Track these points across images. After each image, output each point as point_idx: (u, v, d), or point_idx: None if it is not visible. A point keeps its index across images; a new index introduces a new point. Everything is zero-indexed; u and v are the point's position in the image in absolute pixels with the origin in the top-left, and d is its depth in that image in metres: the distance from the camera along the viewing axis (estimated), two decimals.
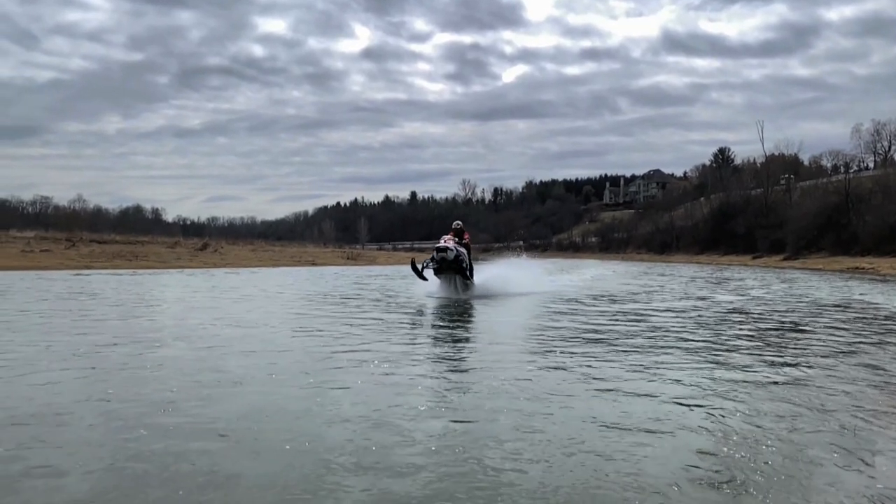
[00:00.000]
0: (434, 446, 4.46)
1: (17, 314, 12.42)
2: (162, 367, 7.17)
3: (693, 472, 4.00)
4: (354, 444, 4.48)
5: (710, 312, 14.23)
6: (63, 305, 14.36)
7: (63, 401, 5.55)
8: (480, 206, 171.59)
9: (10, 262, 33.84)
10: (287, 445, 4.43)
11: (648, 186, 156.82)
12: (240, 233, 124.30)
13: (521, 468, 4.04)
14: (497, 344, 9.50)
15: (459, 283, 18.18)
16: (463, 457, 4.24)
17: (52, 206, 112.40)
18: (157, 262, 41.19)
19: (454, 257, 17.38)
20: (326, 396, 5.84)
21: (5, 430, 4.69)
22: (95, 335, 9.56)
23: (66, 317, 12.06)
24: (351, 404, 5.56)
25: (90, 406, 5.41)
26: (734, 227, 79.81)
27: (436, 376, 6.96)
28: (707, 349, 8.82)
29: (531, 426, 4.94)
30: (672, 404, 5.63)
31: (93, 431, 4.71)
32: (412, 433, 4.74)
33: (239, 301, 16.87)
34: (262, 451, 4.33)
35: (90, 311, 13.10)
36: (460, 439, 4.60)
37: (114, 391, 5.95)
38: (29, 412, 5.17)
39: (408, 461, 4.15)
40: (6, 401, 5.52)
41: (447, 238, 17.91)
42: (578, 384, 6.44)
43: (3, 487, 3.68)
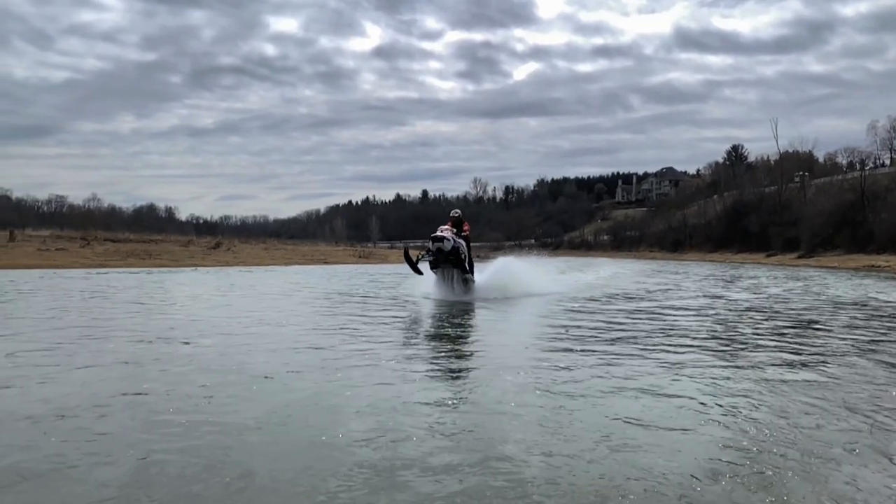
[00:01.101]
0: (458, 438, 4.57)
1: (50, 311, 12.66)
2: (193, 362, 7.35)
3: (716, 466, 4.08)
4: (385, 436, 4.60)
5: (726, 311, 14.23)
6: (88, 304, 14.64)
7: (103, 395, 5.73)
8: (492, 204, 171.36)
9: (27, 260, 34.29)
10: (322, 437, 4.57)
11: (661, 184, 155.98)
12: (252, 231, 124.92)
13: (548, 460, 4.15)
14: (515, 342, 9.61)
15: (458, 281, 16.65)
16: (488, 449, 4.34)
17: (68, 205, 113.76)
18: (171, 261, 41.56)
19: (451, 248, 15.94)
20: (355, 391, 5.98)
21: (52, 423, 4.85)
22: (123, 332, 9.79)
23: (93, 314, 12.30)
24: (380, 398, 5.69)
25: (128, 400, 5.59)
26: (748, 225, 79.33)
27: (459, 372, 7.11)
28: (726, 347, 8.87)
29: (556, 420, 5.05)
30: (693, 402, 5.71)
31: (133, 424, 4.87)
32: (437, 425, 4.86)
33: (259, 299, 17.07)
34: (296, 443, 4.47)
35: (114, 309, 13.38)
36: (484, 433, 4.71)
37: (149, 385, 6.14)
38: (71, 405, 5.34)
39: (433, 453, 4.26)
40: (50, 395, 5.71)
41: (444, 228, 16.50)
42: (599, 382, 6.53)
43: (50, 476, 3.82)
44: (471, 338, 10.19)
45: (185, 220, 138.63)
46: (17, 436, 4.55)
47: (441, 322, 11.98)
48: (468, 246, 17.10)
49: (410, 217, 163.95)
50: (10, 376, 6.47)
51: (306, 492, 3.66)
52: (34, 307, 13.51)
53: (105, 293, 17.69)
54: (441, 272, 16.48)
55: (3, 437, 4.53)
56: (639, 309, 14.42)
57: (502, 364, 7.43)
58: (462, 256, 16.32)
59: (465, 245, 16.72)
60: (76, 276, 25.56)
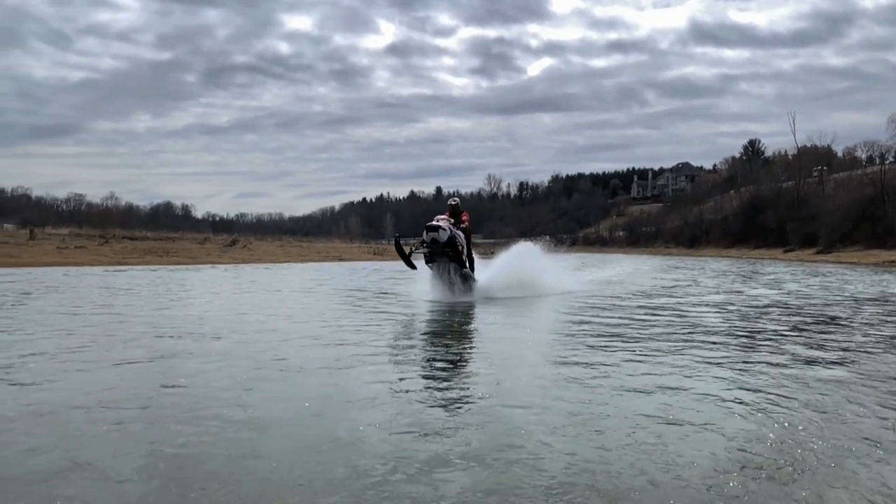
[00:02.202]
0: (488, 430, 4.70)
1: (80, 308, 12.93)
2: (226, 357, 7.54)
3: (743, 459, 4.16)
4: (420, 430, 4.74)
5: (747, 307, 14.24)
6: (116, 300, 14.93)
7: (142, 388, 5.93)
8: (506, 200, 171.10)
9: (47, 258, 34.79)
10: (360, 427, 4.73)
11: (677, 179, 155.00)
12: (268, 229, 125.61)
13: (574, 451, 4.26)
14: (538, 339, 9.72)
15: (457, 278, 15.14)
16: (517, 443, 4.46)
17: (86, 203, 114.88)
18: (188, 258, 41.97)
19: (448, 239, 14.42)
20: (391, 384, 6.14)
21: (99, 413, 5.04)
22: (153, 328, 10.02)
23: (122, 311, 12.56)
24: (412, 392, 5.85)
25: (168, 392, 5.77)
26: (765, 221, 78.74)
27: (485, 367, 7.25)
28: (748, 343, 8.93)
29: (584, 412, 5.16)
30: (718, 397, 5.79)
31: (176, 415, 5.03)
32: (466, 416, 4.99)
33: (282, 295, 17.28)
34: (332, 434, 4.61)
35: (141, 306, 13.64)
36: (515, 426, 4.83)
37: (185, 379, 6.32)
38: (114, 398, 5.52)
39: (464, 445, 4.39)
40: (93, 388, 5.90)
41: (441, 217, 15.12)
42: (624, 377, 6.63)
43: (99, 464, 3.98)
44: (494, 334, 10.31)
45: (202, 217, 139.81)
46: (68, 426, 4.73)
47: (463, 319, 12.08)
48: (468, 239, 15.72)
49: (424, 214, 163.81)
50: (53, 370, 6.67)
51: (344, 482, 3.79)
52: (64, 304, 13.79)
53: (131, 290, 17.99)
54: (437, 267, 14.99)
55: (55, 427, 4.71)
56: (660, 305, 14.46)
57: (526, 360, 7.56)
58: (460, 248, 14.80)
59: (465, 237, 15.34)
60: (98, 274, 25.96)
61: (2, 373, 6.43)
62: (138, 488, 3.64)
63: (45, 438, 4.42)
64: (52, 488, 3.59)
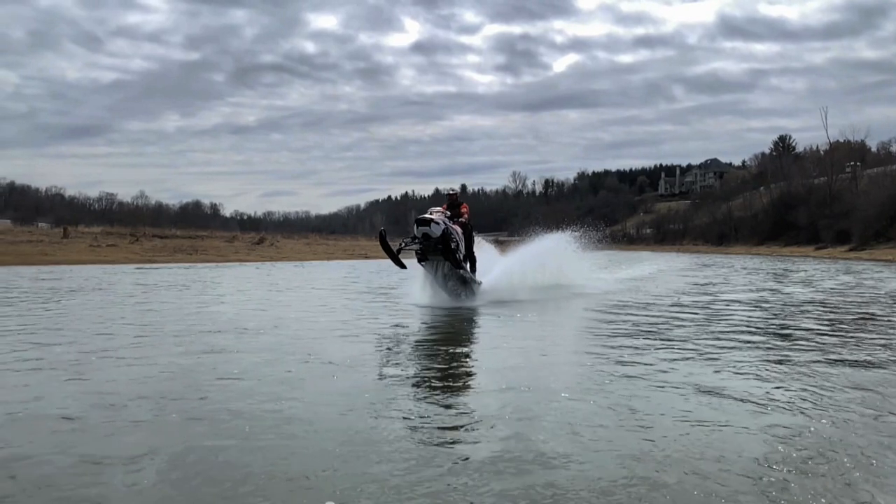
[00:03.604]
0: (535, 422, 4.86)
1: (126, 306, 13.44)
2: (274, 350, 7.81)
3: (782, 453, 4.24)
4: (471, 421, 4.94)
5: (782, 304, 14.10)
6: (159, 297, 15.42)
7: (200, 380, 6.20)
8: (531, 198, 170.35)
9: (80, 256, 35.59)
10: (411, 423, 4.94)
11: (705, 176, 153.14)
12: (294, 227, 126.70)
13: (621, 443, 4.41)
14: (576, 337, 9.83)
15: (453, 279, 13.24)
16: (570, 433, 4.62)
17: (117, 202, 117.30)
18: (217, 256, 42.57)
19: (441, 234, 12.50)
20: (435, 377, 6.36)
21: (164, 404, 5.30)
22: (200, 323, 10.38)
23: (167, 307, 12.97)
24: (459, 386, 6.10)
25: (224, 385, 6.03)
26: (796, 218, 77.40)
27: (525, 363, 7.39)
28: (786, 341, 8.93)
29: (628, 406, 5.28)
30: (759, 393, 5.88)
31: (236, 407, 5.26)
32: (505, 407, 5.14)
33: (316, 293, 17.57)
34: (381, 426, 4.83)
35: (183, 302, 14.05)
36: (563, 417, 4.98)
37: (238, 371, 6.59)
38: (175, 389, 5.82)
39: (516, 436, 4.55)
40: (154, 380, 6.23)
41: (436, 210, 13.35)
42: (666, 373, 6.74)
43: (171, 451, 4.21)
44: (528, 333, 10.36)
45: (230, 216, 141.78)
46: (139, 413, 5.00)
47: (497, 315, 12.12)
48: (469, 235, 13.99)
49: None
50: (116, 364, 7.00)
51: (397, 471, 3.97)
52: (113, 302, 14.31)
53: (170, 287, 18.41)
54: (430, 265, 13.17)
55: (128, 413, 4.99)
56: (694, 304, 14.37)
57: (568, 358, 7.64)
58: (454, 245, 12.89)
59: (464, 233, 13.65)
60: (132, 272, 26.51)
61: (70, 369, 6.75)
62: (206, 471, 3.85)
63: (119, 424, 4.70)
64: (134, 471, 3.82)
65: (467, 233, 13.80)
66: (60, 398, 5.42)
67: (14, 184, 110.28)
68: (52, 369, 6.60)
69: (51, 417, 4.88)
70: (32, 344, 8.13)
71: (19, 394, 5.57)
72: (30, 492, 3.53)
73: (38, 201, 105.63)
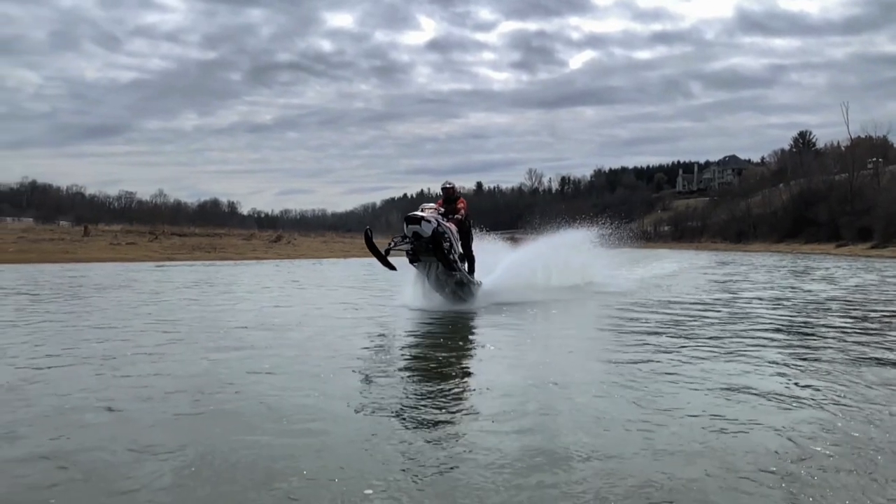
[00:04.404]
0: (574, 415, 4.95)
1: (153, 304, 13.67)
2: (302, 347, 7.98)
3: (812, 448, 4.30)
4: (517, 414, 5.02)
5: (805, 302, 14.02)
6: (187, 294, 15.67)
7: (233, 376, 6.34)
8: (547, 195, 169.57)
9: (101, 254, 36.08)
10: (445, 416, 5.06)
11: (724, 173, 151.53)
12: (311, 225, 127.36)
13: (651, 436, 4.48)
14: (602, 335, 9.81)
15: (447, 281, 12.27)
16: (598, 428, 4.71)
17: (136, 200, 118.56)
18: (235, 254, 42.92)
19: (432, 234, 11.47)
20: (463, 372, 6.51)
21: (200, 398, 5.45)
22: (228, 320, 10.60)
23: (194, 305, 13.25)
24: (495, 380, 6.21)
25: (255, 379, 6.18)
26: (816, 215, 76.55)
27: (552, 361, 7.50)
28: (808, 340, 8.92)
29: (653, 402, 5.36)
30: (783, 392, 5.94)
31: (271, 401, 5.40)
32: (530, 402, 5.24)
33: (338, 290, 17.77)
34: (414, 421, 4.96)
35: (210, 300, 14.31)
36: (590, 412, 5.07)
37: (268, 366, 6.73)
38: (211, 382, 5.97)
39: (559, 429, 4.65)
40: (190, 374, 6.40)
41: (428, 206, 12.31)
42: (690, 372, 6.77)
43: (207, 442, 4.34)
44: (552, 334, 10.39)
45: (247, 214, 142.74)
46: (178, 406, 5.16)
47: (513, 314, 12.15)
48: (467, 233, 12.96)
49: None
50: (151, 360, 7.17)
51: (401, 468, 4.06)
52: (139, 298, 14.56)
53: (194, 285, 18.69)
54: (423, 267, 12.27)
55: (167, 406, 5.15)
56: (717, 300, 14.33)
57: (596, 355, 7.69)
58: (447, 246, 11.78)
59: (461, 231, 12.64)
60: (154, 270, 26.83)
61: (107, 364, 6.96)
62: (245, 461, 3.97)
63: (159, 416, 4.86)
64: (182, 459, 3.97)
65: (465, 230, 12.79)
66: (102, 391, 5.59)
67: (36, 183, 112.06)
68: (90, 364, 6.78)
69: (95, 409, 5.05)
70: (68, 340, 8.35)
71: (63, 387, 5.75)
72: (81, 481, 3.66)
73: (60, 200, 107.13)
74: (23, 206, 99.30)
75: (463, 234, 12.73)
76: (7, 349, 7.59)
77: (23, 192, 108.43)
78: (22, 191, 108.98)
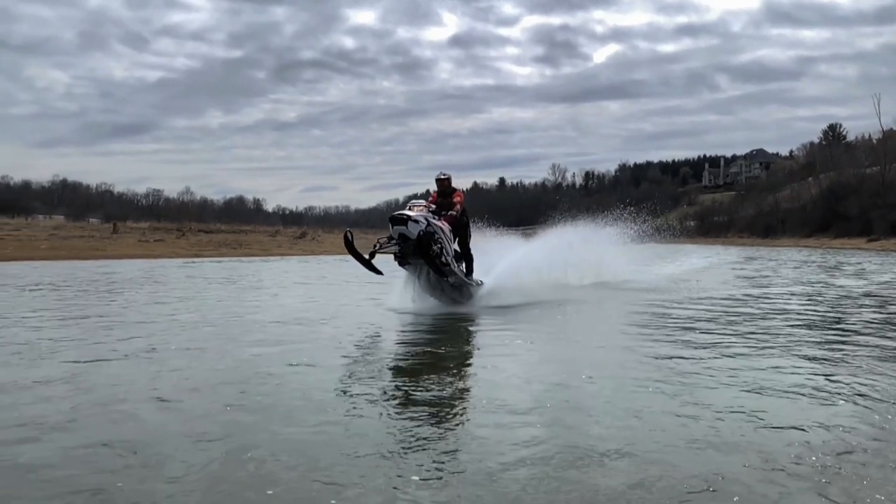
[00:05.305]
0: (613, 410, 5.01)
1: (187, 300, 14.01)
2: (336, 341, 8.15)
3: (843, 445, 4.28)
4: (530, 406, 5.11)
5: (837, 297, 13.87)
6: (213, 291, 16.02)
7: (272, 367, 6.52)
8: (571, 190, 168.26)
9: (129, 250, 36.81)
10: (482, 404, 5.16)
11: (751, 167, 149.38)
12: (335, 221, 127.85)
13: (685, 424, 4.53)
14: (638, 329, 9.80)
15: (440, 285, 11.42)
16: (633, 422, 4.77)
17: (163, 198, 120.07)
18: (260, 250, 43.47)
19: (419, 235, 10.49)
20: (501, 362, 6.55)
21: (243, 388, 5.63)
22: (262, 314, 10.87)
23: (228, 300, 13.59)
24: (533, 374, 6.29)
25: (295, 371, 6.35)
26: (846, 209, 75.14)
27: (581, 356, 7.57)
28: (844, 335, 8.90)
29: (691, 396, 5.39)
30: (819, 387, 5.93)
31: (313, 394, 5.56)
32: (560, 397, 5.35)
33: (366, 286, 17.76)
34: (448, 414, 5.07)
35: (242, 295, 14.68)
36: (624, 406, 5.11)
37: (307, 359, 6.90)
38: (251, 376, 6.15)
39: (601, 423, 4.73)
40: (231, 370, 6.60)
41: (418, 203, 11.24)
42: (724, 368, 6.80)
43: (250, 431, 4.50)
44: (579, 329, 10.42)
45: (272, 210, 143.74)
46: (226, 397, 5.35)
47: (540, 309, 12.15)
48: (465, 229, 11.95)
49: (487, 205, 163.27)
50: (193, 354, 7.42)
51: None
52: (172, 294, 14.96)
53: (225, 281, 19.03)
54: (413, 269, 11.37)
55: (216, 397, 5.35)
56: (749, 296, 14.23)
57: (629, 350, 7.69)
58: (437, 248, 10.75)
59: (455, 229, 11.58)
60: (184, 266, 27.27)
61: (152, 358, 7.22)
62: (302, 448, 4.11)
63: (208, 407, 5.03)
64: (241, 446, 4.12)
65: (462, 225, 11.77)
66: (150, 384, 5.79)
67: (66, 181, 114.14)
68: (135, 358, 7.00)
69: (147, 400, 5.24)
70: (111, 335, 8.61)
71: (113, 379, 5.96)
72: (140, 466, 3.83)
73: (89, 198, 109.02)
74: (54, 203, 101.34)
75: (460, 229, 11.77)
76: (54, 344, 7.85)
77: (54, 190, 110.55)
78: (53, 189, 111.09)
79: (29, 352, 7.28)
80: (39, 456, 3.95)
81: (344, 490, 3.48)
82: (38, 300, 12.91)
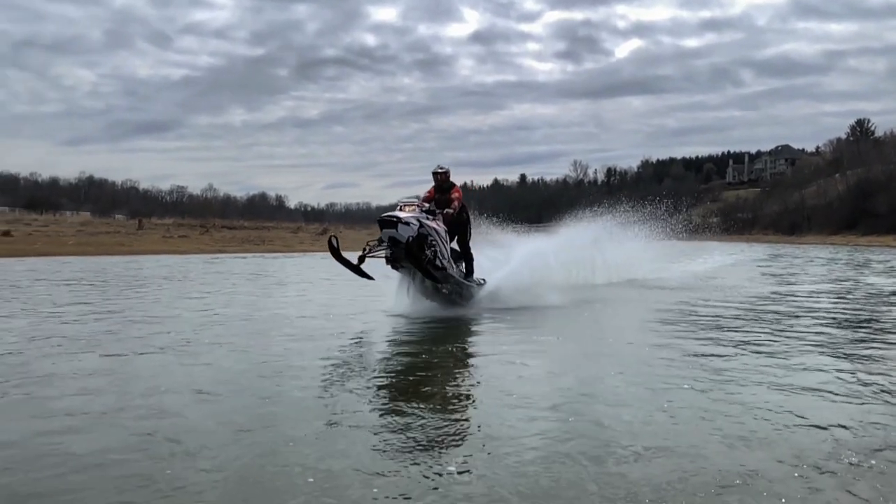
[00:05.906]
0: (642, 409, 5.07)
1: (217, 294, 14.25)
2: (366, 335, 8.41)
3: (876, 442, 4.32)
4: (573, 405, 5.18)
5: (866, 296, 13.73)
6: (241, 286, 16.34)
7: (305, 361, 6.68)
8: (592, 187, 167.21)
9: (154, 246, 37.33)
10: (508, 397, 5.21)
11: (776, 163, 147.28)
12: (356, 218, 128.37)
13: (717, 420, 4.56)
14: (668, 324, 9.78)
15: (435, 289, 10.63)
16: (666, 419, 4.82)
17: (187, 195, 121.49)
18: (283, 247, 43.84)
19: (408, 241, 9.63)
20: (527, 360, 6.66)
21: (278, 380, 5.78)
22: (290, 310, 11.08)
23: (258, 294, 13.87)
24: (557, 370, 6.37)
25: (329, 363, 6.50)
26: (875, 206, 73.89)
27: (608, 351, 7.60)
28: (875, 333, 8.88)
29: (723, 392, 5.45)
30: (849, 387, 5.93)
31: (350, 385, 5.70)
32: (592, 394, 5.40)
33: None
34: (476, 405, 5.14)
35: (271, 290, 14.98)
36: (657, 404, 5.16)
37: (337, 353, 7.06)
38: (285, 370, 6.32)
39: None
40: (265, 365, 6.75)
41: (408, 201, 10.38)
42: (754, 366, 6.84)
43: (285, 420, 4.62)
44: (606, 328, 10.43)
45: (294, 207, 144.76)
46: (263, 390, 5.49)
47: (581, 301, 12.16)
48: (465, 227, 11.14)
49: (507, 202, 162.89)
50: (227, 348, 7.59)
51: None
52: (201, 289, 15.18)
53: (253, 277, 19.31)
54: (407, 271, 10.50)
55: (254, 390, 5.50)
56: (776, 294, 14.13)
57: (664, 343, 7.72)
58: (429, 254, 10.02)
59: (455, 225, 10.86)
60: (209, 262, 27.64)
61: (188, 351, 7.45)
62: (343, 434, 4.24)
63: (247, 399, 5.19)
64: (286, 436, 4.26)
65: (461, 222, 11.01)
66: (189, 377, 5.96)
67: (92, 178, 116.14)
68: (171, 352, 7.19)
69: (187, 392, 5.39)
70: (146, 329, 8.82)
71: (152, 372, 6.14)
72: (185, 454, 3.97)
73: (115, 194, 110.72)
74: (80, 199, 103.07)
75: (459, 227, 11.02)
76: (92, 336, 8.07)
77: (80, 187, 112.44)
78: (79, 185, 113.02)
79: (70, 344, 7.49)
80: (89, 444, 4.10)
81: (375, 479, 3.59)
82: (72, 294, 13.20)
